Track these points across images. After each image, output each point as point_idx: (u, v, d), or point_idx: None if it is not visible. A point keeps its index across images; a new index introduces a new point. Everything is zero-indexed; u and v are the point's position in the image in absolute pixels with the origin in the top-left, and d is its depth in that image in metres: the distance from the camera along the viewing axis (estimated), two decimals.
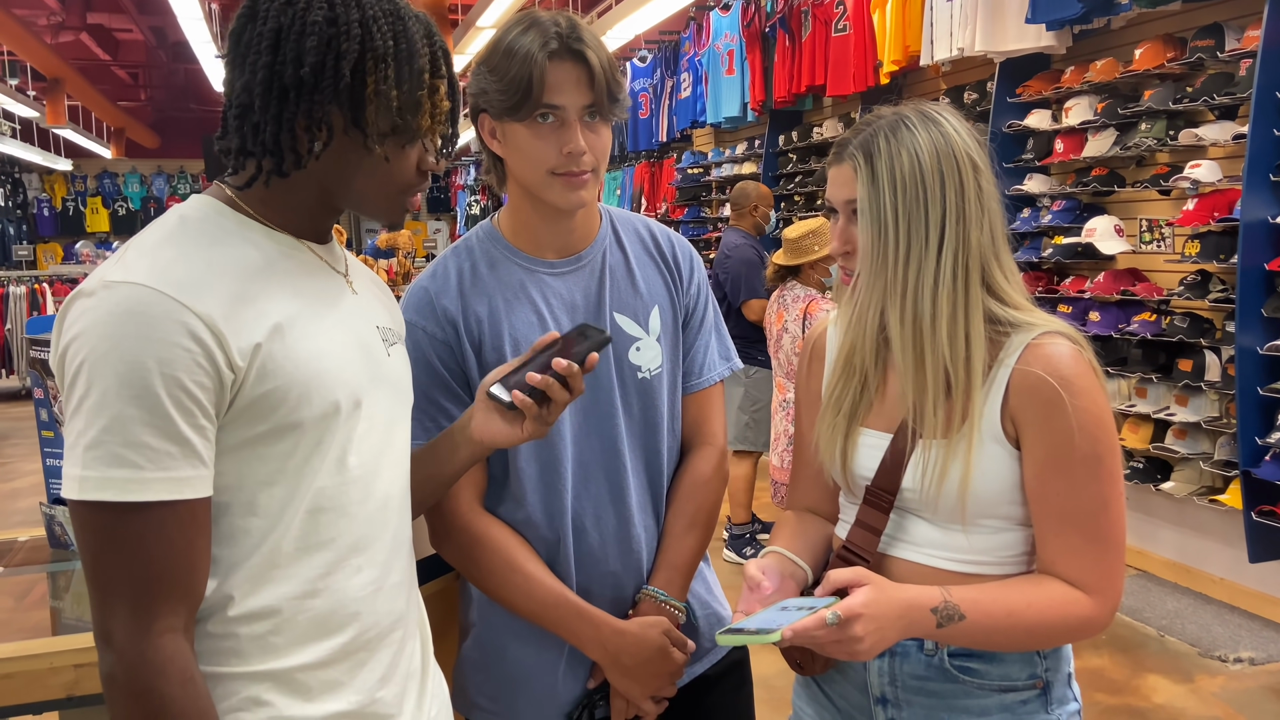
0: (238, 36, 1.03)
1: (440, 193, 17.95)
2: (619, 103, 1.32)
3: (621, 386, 1.42)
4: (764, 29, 6.90)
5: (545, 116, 1.29)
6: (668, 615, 1.41)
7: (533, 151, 1.31)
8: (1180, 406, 4.11)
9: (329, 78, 1.00)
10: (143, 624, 0.93)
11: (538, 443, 1.37)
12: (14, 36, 9.05)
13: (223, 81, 1.06)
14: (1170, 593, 4.24)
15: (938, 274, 1.16)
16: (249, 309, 0.98)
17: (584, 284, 1.42)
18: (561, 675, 1.42)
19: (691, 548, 1.46)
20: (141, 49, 12.94)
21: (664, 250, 1.49)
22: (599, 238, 1.45)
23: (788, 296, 4.26)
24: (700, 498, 1.47)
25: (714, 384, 1.51)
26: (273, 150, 1.01)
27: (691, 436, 1.51)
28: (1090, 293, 4.45)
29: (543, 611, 1.37)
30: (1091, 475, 1.14)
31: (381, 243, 4.93)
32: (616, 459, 1.41)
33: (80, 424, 0.92)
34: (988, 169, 1.20)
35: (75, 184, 16.16)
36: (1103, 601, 1.14)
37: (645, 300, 1.45)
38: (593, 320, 1.41)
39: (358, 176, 1.06)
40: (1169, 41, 4.12)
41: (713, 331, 1.52)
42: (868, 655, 1.08)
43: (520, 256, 1.42)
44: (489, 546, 1.38)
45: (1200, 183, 3.93)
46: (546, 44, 1.27)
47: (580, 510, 1.40)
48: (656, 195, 9.40)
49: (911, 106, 1.22)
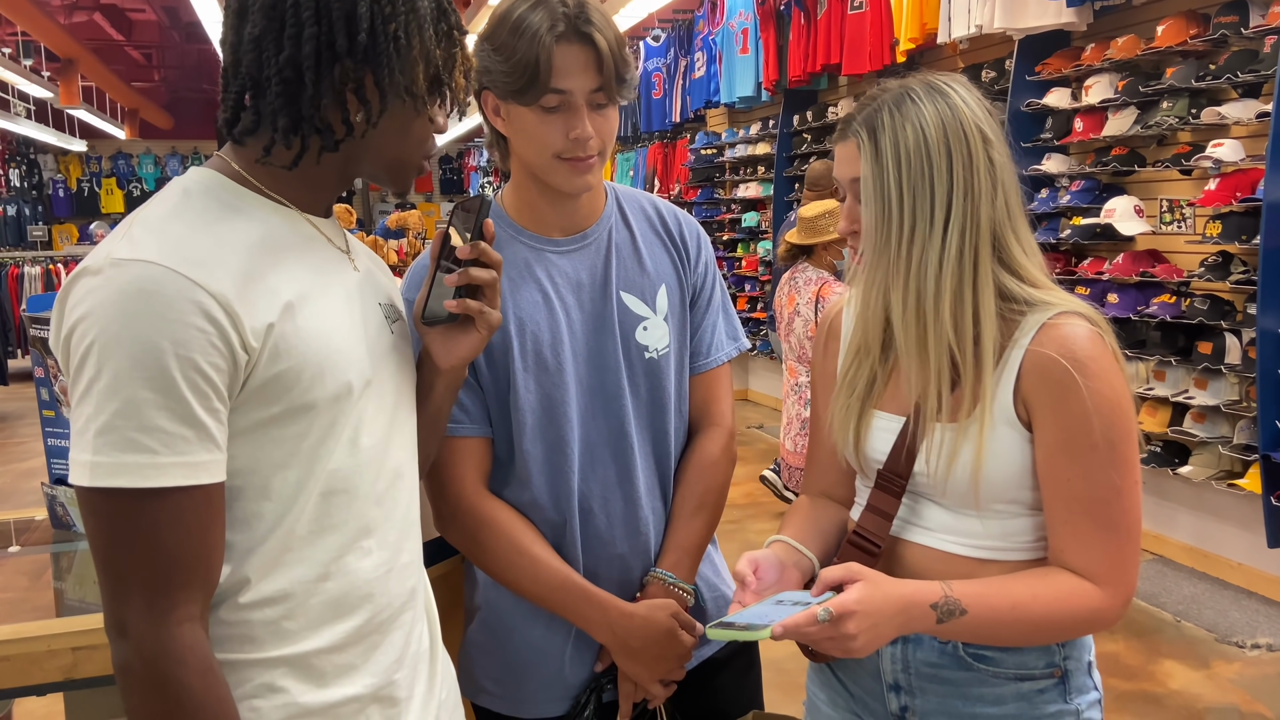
0: (266, 13, 0.97)
1: (453, 174, 17.93)
2: (627, 84, 1.29)
3: (629, 367, 1.40)
4: (779, 7, 6.83)
5: (552, 100, 1.26)
6: (676, 598, 1.39)
7: (538, 135, 1.28)
8: (1199, 390, 4.06)
9: (383, 41, 0.98)
10: (160, 613, 0.91)
11: (543, 423, 1.35)
12: (28, 17, 9.05)
13: (232, 64, 1.00)
14: (1187, 578, 4.21)
15: (943, 252, 1.13)
16: (260, 287, 0.95)
17: (590, 262, 1.40)
18: (568, 659, 1.41)
19: (700, 530, 1.44)
20: (155, 29, 12.93)
21: (671, 229, 1.47)
22: (604, 215, 1.43)
23: (799, 279, 4.22)
24: (708, 479, 1.45)
25: (721, 364, 1.49)
26: (322, 127, 0.99)
27: (699, 418, 1.49)
28: (1109, 274, 4.40)
29: (549, 594, 1.36)
30: (1105, 461, 1.09)
31: (392, 223, 4.91)
32: (624, 440, 1.39)
33: (90, 408, 0.89)
34: (1000, 140, 1.16)
35: (90, 165, 16.20)
36: (1113, 593, 1.10)
37: (652, 279, 1.43)
38: (600, 301, 1.39)
39: (398, 140, 1.05)
40: (1192, 18, 4.05)
41: (720, 311, 1.50)
42: (863, 652, 1.05)
43: (525, 235, 1.39)
44: (494, 529, 1.36)
45: (1222, 162, 3.86)
46: (554, 25, 1.23)
47: (587, 492, 1.38)
48: (670, 176, 9.34)
49: (919, 78, 1.18)
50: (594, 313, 1.39)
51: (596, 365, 1.38)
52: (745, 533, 4.90)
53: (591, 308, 1.39)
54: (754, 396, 8.55)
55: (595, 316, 1.39)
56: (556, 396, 1.36)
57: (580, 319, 1.38)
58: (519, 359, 1.34)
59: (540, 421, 1.36)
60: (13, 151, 15.30)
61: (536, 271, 1.38)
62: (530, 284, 1.37)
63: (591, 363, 1.38)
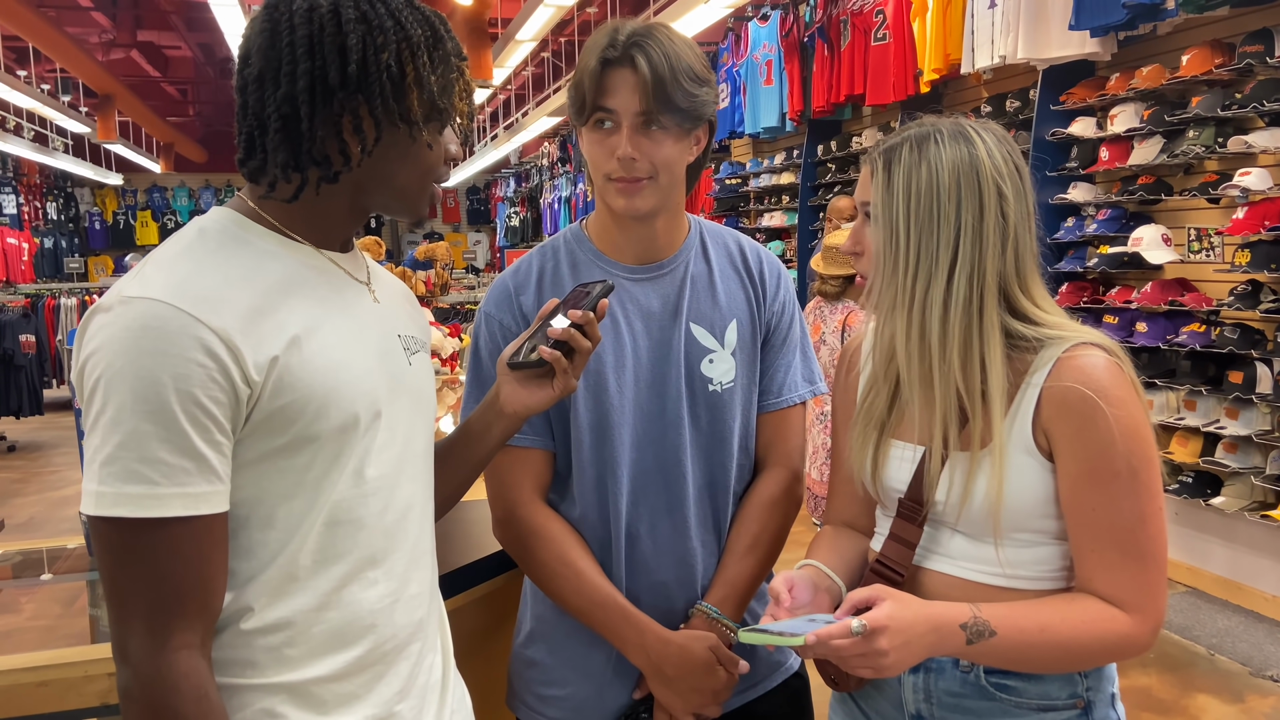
0: (264, 54, 1.01)
1: (480, 204, 18.08)
2: (683, 112, 1.31)
3: (690, 397, 1.40)
4: (802, 39, 6.88)
5: (602, 122, 1.31)
6: (718, 633, 1.38)
7: (593, 156, 1.34)
8: (1230, 419, 4.01)
9: (374, 71, 1.00)
10: (158, 640, 0.93)
11: (598, 444, 1.37)
12: (66, 54, 9.27)
13: (242, 106, 1.04)
14: (1220, 610, 4.14)
15: (948, 295, 1.14)
16: (266, 322, 0.98)
17: (663, 292, 1.42)
18: (607, 682, 1.41)
19: (751, 569, 1.43)
20: (190, 65, 13.19)
21: (750, 265, 1.48)
22: (684, 247, 1.45)
23: (825, 308, 4.23)
24: (765, 519, 1.44)
25: (793, 405, 1.48)
26: (319, 159, 1.01)
27: (765, 456, 1.48)
28: (1137, 303, 4.37)
29: (590, 609, 1.37)
30: (1128, 489, 1.10)
31: (420, 254, 4.97)
32: (678, 469, 1.40)
33: (97, 439, 0.92)
34: (1019, 197, 1.16)
35: (125, 198, 16.50)
36: (1143, 620, 1.10)
37: (724, 313, 1.43)
38: (668, 330, 1.41)
39: (401, 168, 1.07)
40: (1217, 47, 4.04)
41: (797, 351, 1.49)
42: (893, 671, 1.05)
43: (602, 260, 1.42)
44: (543, 539, 1.38)
45: (1250, 191, 3.84)
46: (609, 48, 1.29)
47: (635, 516, 1.39)
48: (694, 205, 9.39)
49: (951, 120, 1.20)
50: (660, 340, 1.40)
51: (658, 392, 1.39)
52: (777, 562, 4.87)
53: (659, 335, 1.40)
54: None
55: (661, 344, 1.40)
56: (613, 419, 1.37)
57: (646, 346, 1.40)
58: (580, 378, 1.35)
59: (595, 441, 1.38)
60: (50, 185, 15.62)
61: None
62: None
63: (653, 389, 1.39)
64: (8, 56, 10.85)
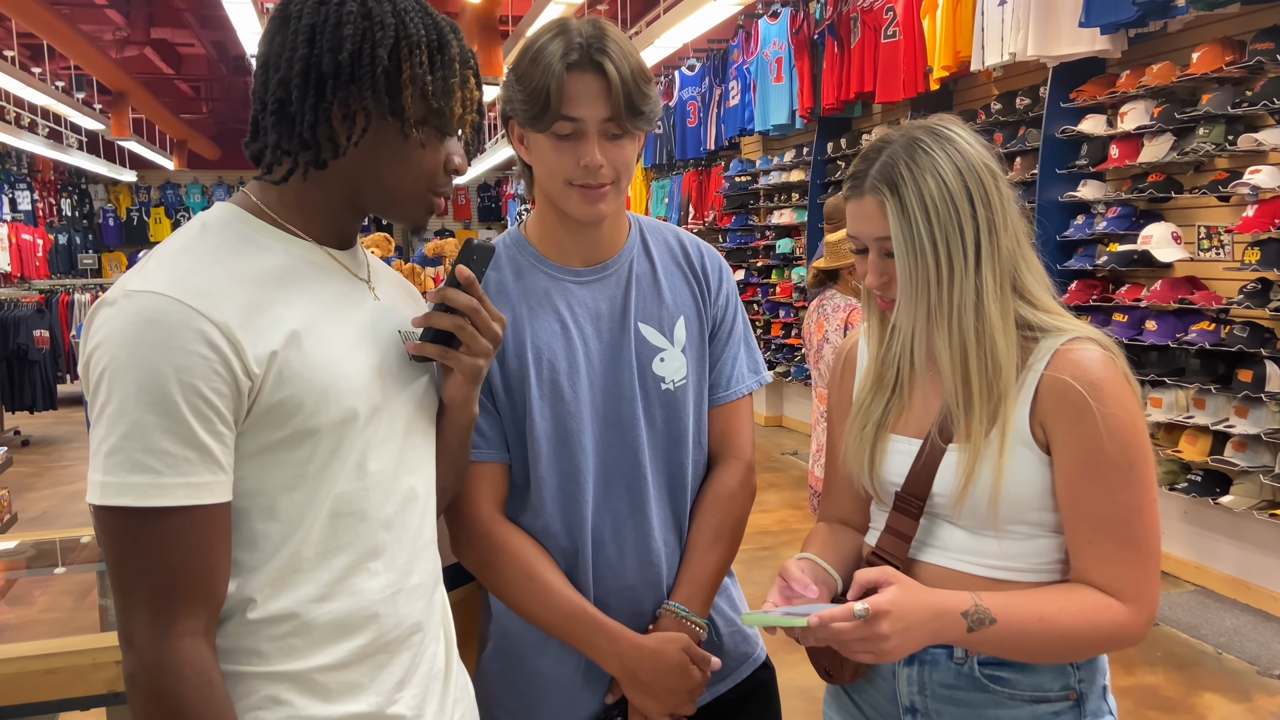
0: (270, 40, 1.05)
1: (491, 202, 18.11)
2: (643, 116, 1.30)
3: (644, 398, 1.40)
4: (812, 36, 6.87)
5: (564, 128, 1.28)
6: (688, 632, 1.38)
7: (552, 162, 1.30)
8: (1240, 418, 4.00)
9: (366, 63, 1.02)
10: (161, 627, 0.94)
11: (558, 452, 1.36)
12: (81, 52, 9.33)
13: (252, 91, 1.08)
14: (1229, 609, 4.13)
15: (979, 288, 1.15)
16: (265, 316, 1.00)
17: (609, 293, 1.41)
18: (578, 689, 1.40)
19: (715, 563, 1.42)
20: (203, 63, 13.25)
21: (693, 260, 1.47)
22: (627, 247, 1.44)
23: (828, 306, 4.22)
24: (724, 512, 1.44)
25: (742, 397, 1.47)
26: (309, 142, 1.03)
27: (718, 450, 1.47)
28: (1147, 301, 4.36)
29: (560, 622, 1.35)
30: (1123, 481, 1.12)
31: (429, 251, 4.98)
32: (638, 470, 1.39)
33: (102, 430, 0.94)
34: (1002, 172, 1.20)
35: (139, 194, 16.61)
36: (1138, 609, 1.12)
37: (671, 311, 1.43)
38: (618, 332, 1.39)
39: (393, 167, 1.08)
40: (1227, 44, 4.03)
41: (742, 343, 1.49)
42: (893, 656, 1.06)
43: (546, 264, 1.41)
44: (508, 554, 1.36)
45: (1260, 188, 3.83)
46: (568, 53, 1.25)
47: (600, 522, 1.38)
48: (704, 203, 9.39)
49: (918, 125, 1.20)
50: (611, 343, 1.39)
51: (612, 395, 1.38)
52: (779, 559, 4.88)
53: (609, 338, 1.39)
54: (788, 423, 8.52)
55: (612, 347, 1.39)
56: (572, 426, 1.36)
57: (598, 349, 1.39)
58: (535, 387, 1.35)
59: (555, 450, 1.36)
60: (65, 182, 15.72)
61: (556, 301, 1.39)
62: (549, 313, 1.38)
63: (608, 393, 1.38)
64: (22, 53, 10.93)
